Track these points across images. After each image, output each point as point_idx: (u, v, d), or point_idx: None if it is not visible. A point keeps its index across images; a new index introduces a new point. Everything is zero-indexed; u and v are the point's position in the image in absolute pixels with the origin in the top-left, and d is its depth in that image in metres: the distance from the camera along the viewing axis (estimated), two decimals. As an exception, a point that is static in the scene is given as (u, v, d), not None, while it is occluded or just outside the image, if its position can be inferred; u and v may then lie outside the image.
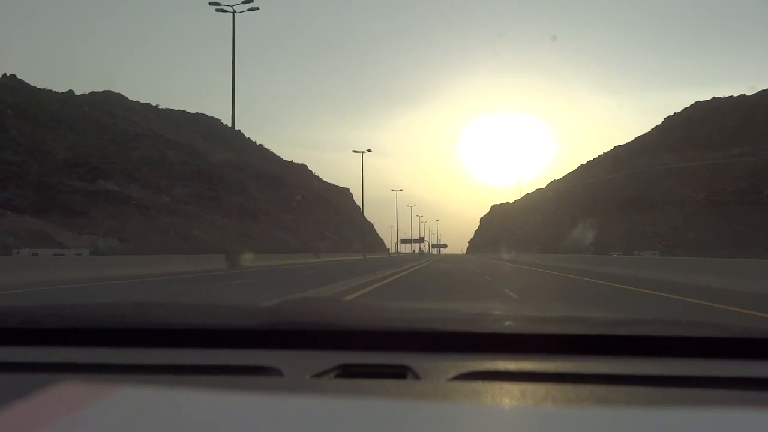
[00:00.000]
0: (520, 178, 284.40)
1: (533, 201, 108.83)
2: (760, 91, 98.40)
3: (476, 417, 0.52)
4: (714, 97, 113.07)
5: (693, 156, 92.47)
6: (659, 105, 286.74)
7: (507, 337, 1.08)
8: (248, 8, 33.31)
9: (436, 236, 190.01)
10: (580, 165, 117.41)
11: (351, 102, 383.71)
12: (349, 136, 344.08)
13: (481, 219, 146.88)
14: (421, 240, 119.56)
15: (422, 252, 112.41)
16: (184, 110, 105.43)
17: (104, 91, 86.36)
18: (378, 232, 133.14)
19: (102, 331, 1.16)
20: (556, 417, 0.53)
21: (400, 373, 0.92)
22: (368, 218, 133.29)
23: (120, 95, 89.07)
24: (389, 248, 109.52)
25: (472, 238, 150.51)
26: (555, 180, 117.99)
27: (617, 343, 1.04)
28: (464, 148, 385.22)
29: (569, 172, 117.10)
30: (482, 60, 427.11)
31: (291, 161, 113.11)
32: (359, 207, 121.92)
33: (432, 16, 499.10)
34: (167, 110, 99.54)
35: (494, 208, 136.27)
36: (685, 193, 79.96)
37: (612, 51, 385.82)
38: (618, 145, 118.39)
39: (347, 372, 0.94)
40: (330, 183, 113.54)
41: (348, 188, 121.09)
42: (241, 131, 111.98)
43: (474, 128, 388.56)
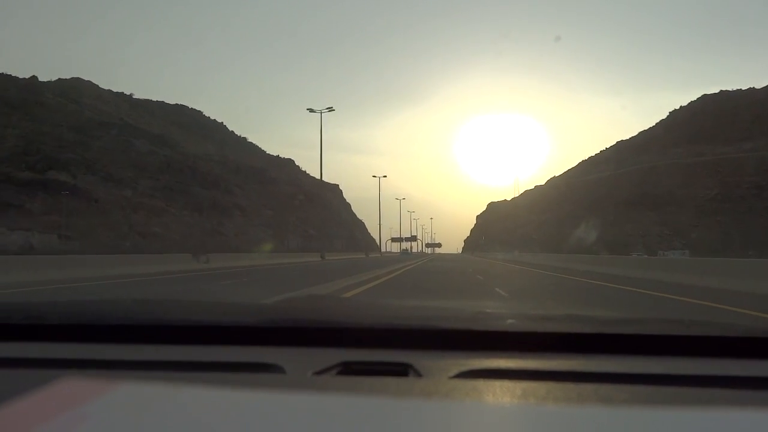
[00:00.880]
0: (518, 177, 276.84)
1: (533, 198, 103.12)
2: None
3: (477, 415, 0.52)
4: (721, 90, 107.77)
5: (703, 150, 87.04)
6: (660, 105, 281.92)
7: (509, 335, 1.07)
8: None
9: (430, 235, 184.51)
10: (582, 161, 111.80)
11: (347, 101, 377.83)
12: (344, 136, 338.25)
13: (478, 217, 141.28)
14: (414, 238, 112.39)
15: (408, 251, 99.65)
16: (163, 101, 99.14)
17: (73, 78, 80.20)
18: (370, 231, 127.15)
19: (105, 328, 1.16)
20: (558, 415, 0.53)
21: (402, 371, 0.92)
22: (362, 218, 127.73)
23: (91, 83, 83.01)
24: (373, 249, 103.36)
25: (468, 237, 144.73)
26: (555, 176, 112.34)
27: (620, 342, 1.03)
28: (461, 148, 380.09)
29: (570, 168, 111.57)
30: (484, 60, 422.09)
31: (277, 156, 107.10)
32: (349, 205, 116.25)
33: (435, 15, 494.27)
34: (144, 101, 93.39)
35: (491, 206, 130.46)
36: (697, 189, 74.51)
37: (614, 50, 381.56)
38: (621, 141, 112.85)
39: (349, 369, 0.94)
40: (319, 179, 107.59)
41: (337, 185, 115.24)
42: (224, 124, 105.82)
43: (471, 128, 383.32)
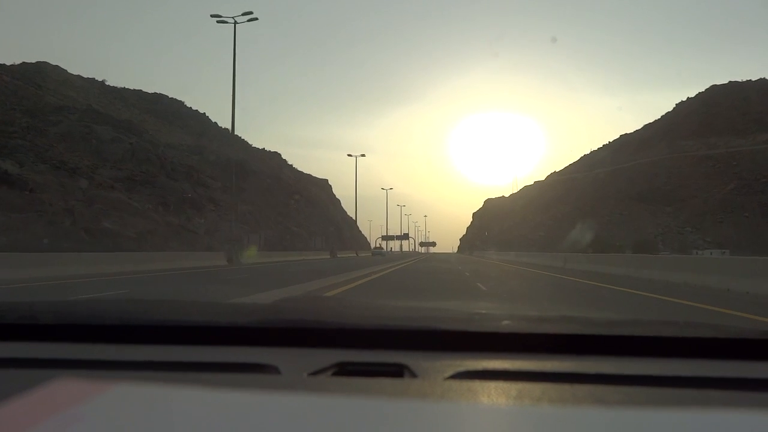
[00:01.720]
0: (516, 174, 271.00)
1: (532, 194, 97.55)
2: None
3: (473, 416, 0.52)
4: (730, 81, 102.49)
5: (715, 143, 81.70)
6: (664, 99, 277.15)
7: (504, 337, 1.07)
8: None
9: (425, 233, 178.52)
10: (584, 155, 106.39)
11: (342, 100, 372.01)
12: (339, 135, 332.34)
13: (474, 215, 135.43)
14: (405, 236, 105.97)
15: (382, 251, 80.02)
16: (140, 89, 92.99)
17: (37, 62, 74.06)
18: (362, 230, 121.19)
19: (100, 328, 1.15)
20: (553, 416, 0.52)
21: (397, 372, 0.92)
22: (357, 216, 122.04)
23: (58, 67, 76.81)
24: (363, 247, 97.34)
25: (464, 236, 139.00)
26: (555, 172, 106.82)
27: (614, 343, 1.04)
28: (456, 148, 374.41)
29: (571, 163, 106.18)
30: (479, 59, 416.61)
31: (263, 149, 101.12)
32: (339, 201, 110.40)
33: (430, 14, 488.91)
34: (119, 88, 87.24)
35: (488, 203, 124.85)
36: (712, 183, 69.15)
37: (612, 47, 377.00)
38: (624, 134, 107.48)
39: (344, 370, 0.94)
40: (306, 173, 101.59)
41: (326, 180, 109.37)
42: (207, 115, 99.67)
43: (467, 127, 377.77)
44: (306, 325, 1.14)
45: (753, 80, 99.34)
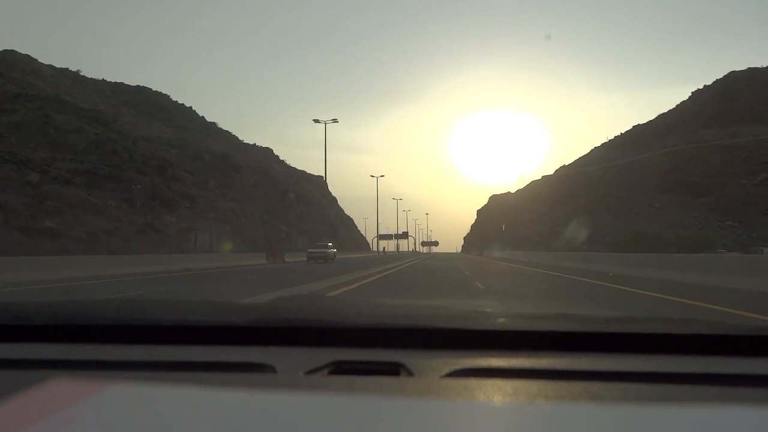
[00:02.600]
0: (522, 170, 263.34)
1: (540, 189, 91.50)
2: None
3: (469, 414, 0.52)
4: (749, 68, 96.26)
5: (738, 131, 75.53)
6: (659, 102, 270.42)
7: (500, 334, 1.07)
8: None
9: (426, 232, 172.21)
10: (595, 147, 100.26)
11: (340, 101, 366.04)
12: (337, 135, 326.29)
13: (479, 212, 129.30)
14: (405, 235, 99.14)
15: (321, 252, 70.06)
16: (122, 82, 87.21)
17: (4, 51, 68.22)
18: (360, 230, 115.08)
19: (94, 328, 1.15)
20: (549, 414, 0.52)
21: (393, 370, 0.92)
22: (355, 216, 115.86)
23: (28, 56, 71.00)
24: (362, 248, 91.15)
25: (468, 234, 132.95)
26: (565, 165, 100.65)
27: (610, 341, 1.04)
28: (456, 147, 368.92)
29: (581, 156, 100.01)
30: (476, 58, 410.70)
31: (253, 144, 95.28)
32: (335, 199, 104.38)
33: (427, 14, 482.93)
34: (97, 80, 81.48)
35: (493, 200, 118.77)
36: (740, 173, 63.11)
37: (613, 43, 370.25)
38: (638, 125, 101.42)
39: (340, 369, 0.94)
40: (300, 170, 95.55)
41: (321, 176, 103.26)
42: (193, 108, 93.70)
43: (467, 126, 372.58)
44: (302, 324, 1.13)
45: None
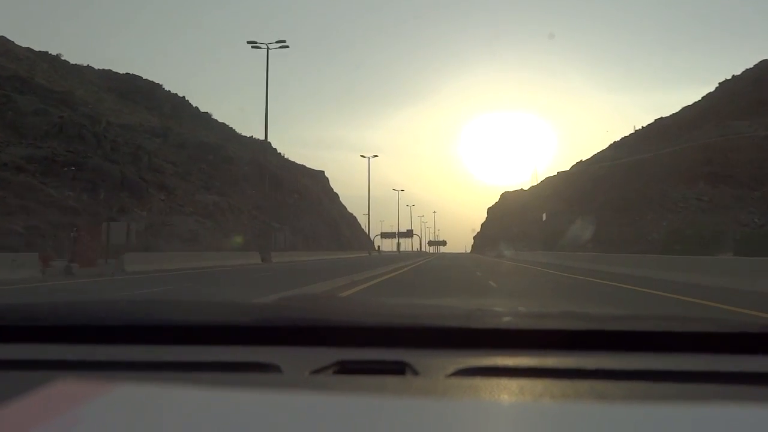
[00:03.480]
0: (536, 166, 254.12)
1: (557, 186, 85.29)
2: None
3: (475, 413, 0.52)
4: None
5: (775, 122, 69.00)
6: (662, 102, 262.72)
7: (505, 333, 1.07)
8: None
9: (434, 231, 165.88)
10: (613, 142, 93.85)
11: (346, 102, 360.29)
12: (343, 135, 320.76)
13: (489, 210, 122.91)
14: (410, 233, 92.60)
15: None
16: (110, 69, 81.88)
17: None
18: (364, 228, 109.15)
19: (101, 328, 1.16)
20: (555, 412, 0.52)
21: (399, 369, 0.92)
22: (360, 215, 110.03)
23: (5, 39, 65.74)
24: (367, 247, 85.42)
25: (479, 233, 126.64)
26: (582, 161, 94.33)
27: (615, 339, 1.04)
28: (465, 147, 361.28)
29: (600, 151, 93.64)
30: (481, 59, 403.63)
31: (250, 136, 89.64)
32: (336, 195, 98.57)
33: (429, 15, 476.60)
34: (82, 66, 76.20)
35: (505, 197, 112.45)
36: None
37: (628, 37, 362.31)
38: (660, 118, 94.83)
39: (346, 368, 0.94)
40: (299, 164, 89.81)
41: (323, 171, 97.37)
42: (187, 99, 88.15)
43: (475, 126, 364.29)
44: (307, 324, 1.14)
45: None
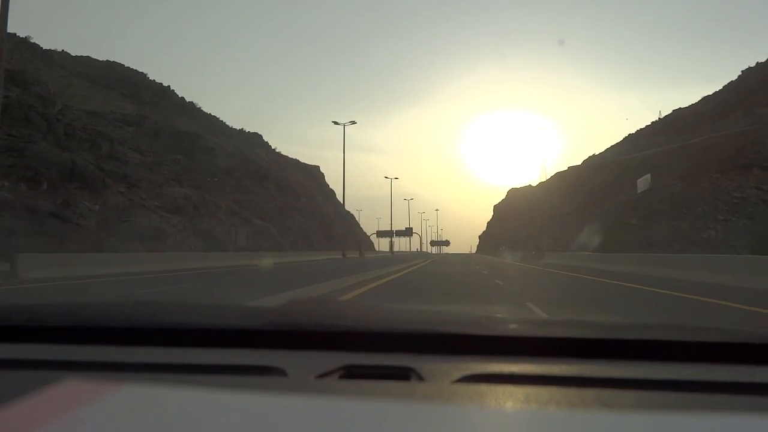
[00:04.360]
0: (543, 164, 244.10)
1: (568, 181, 79.27)
2: None
3: (480, 420, 0.52)
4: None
5: (811, 109, 63.02)
6: (664, 102, 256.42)
7: (511, 340, 1.07)
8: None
9: (436, 231, 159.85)
10: (629, 134, 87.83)
11: (351, 100, 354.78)
12: (348, 134, 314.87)
13: (495, 207, 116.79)
14: (409, 232, 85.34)
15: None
16: (88, 56, 76.23)
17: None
18: (363, 227, 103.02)
19: (107, 330, 1.17)
20: (561, 420, 0.52)
21: (404, 375, 0.92)
22: (361, 216, 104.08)
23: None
24: (364, 247, 79.09)
25: (484, 232, 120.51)
26: (595, 155, 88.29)
27: (622, 347, 1.04)
28: (469, 147, 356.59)
29: (613, 144, 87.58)
30: (488, 60, 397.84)
31: (240, 129, 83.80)
32: (333, 192, 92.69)
33: (440, 15, 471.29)
34: (56, 51, 70.50)
35: (512, 194, 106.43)
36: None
37: (638, 30, 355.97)
38: (678, 108, 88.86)
39: (351, 373, 0.94)
40: (291, 158, 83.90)
41: (318, 166, 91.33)
42: (173, 89, 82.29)
43: (479, 126, 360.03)
44: (313, 328, 1.14)
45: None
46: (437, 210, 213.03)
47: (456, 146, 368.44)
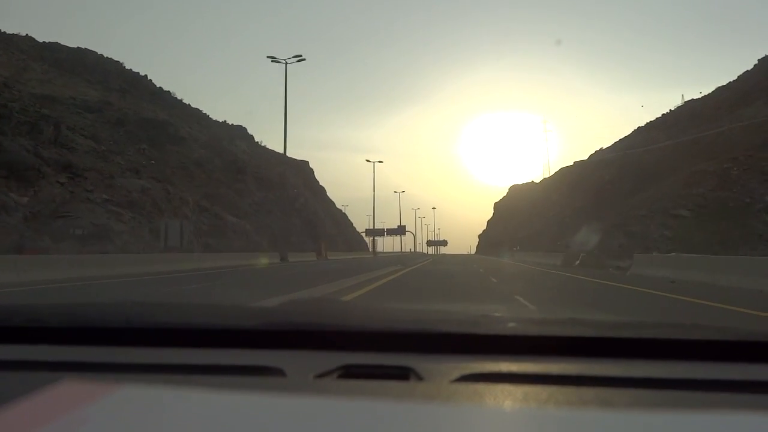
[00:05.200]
0: (546, 161, 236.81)
1: (574, 177, 73.78)
2: None
3: (479, 419, 0.52)
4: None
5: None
6: (667, 103, 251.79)
7: (510, 339, 1.07)
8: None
9: (433, 230, 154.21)
10: (638, 127, 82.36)
11: (346, 102, 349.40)
12: (343, 135, 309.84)
13: (496, 205, 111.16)
14: (402, 230, 79.01)
15: None
16: (56, 42, 70.66)
17: None
18: (358, 227, 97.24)
19: (106, 330, 1.17)
20: (559, 419, 0.52)
21: (403, 374, 0.92)
22: (355, 217, 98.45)
23: None
24: (361, 248, 73.50)
25: (484, 231, 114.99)
26: (603, 148, 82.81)
27: (621, 346, 1.04)
28: (466, 147, 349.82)
29: (622, 138, 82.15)
30: (486, 61, 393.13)
31: (224, 121, 78.14)
32: (323, 189, 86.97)
33: (438, 16, 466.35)
34: (17, 36, 65.02)
35: (514, 190, 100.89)
36: None
37: (636, 22, 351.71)
38: (691, 100, 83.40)
39: (350, 373, 0.94)
40: (277, 152, 78.09)
41: (306, 162, 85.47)
42: (149, 77, 76.52)
43: (476, 127, 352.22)
44: (311, 328, 1.14)
45: None
46: (434, 208, 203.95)
47: (455, 146, 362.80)
